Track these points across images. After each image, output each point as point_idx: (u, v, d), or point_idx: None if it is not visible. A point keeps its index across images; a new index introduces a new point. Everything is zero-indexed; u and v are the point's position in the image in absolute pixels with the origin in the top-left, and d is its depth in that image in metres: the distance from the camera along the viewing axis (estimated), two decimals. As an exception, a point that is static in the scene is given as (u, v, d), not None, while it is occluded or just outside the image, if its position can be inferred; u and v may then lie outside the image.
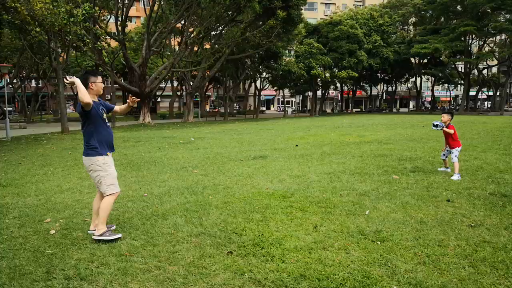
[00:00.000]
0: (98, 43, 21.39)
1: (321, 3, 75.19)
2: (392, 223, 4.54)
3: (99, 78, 4.33)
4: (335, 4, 73.47)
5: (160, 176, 7.79)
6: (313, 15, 68.86)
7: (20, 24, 12.18)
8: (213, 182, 7.01)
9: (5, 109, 31.82)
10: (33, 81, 48.72)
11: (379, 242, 3.99)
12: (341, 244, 3.98)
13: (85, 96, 4.00)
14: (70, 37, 17.23)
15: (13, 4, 10.86)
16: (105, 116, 4.41)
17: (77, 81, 4.07)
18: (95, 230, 4.38)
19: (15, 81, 39.91)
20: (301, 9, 34.82)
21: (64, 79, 4.24)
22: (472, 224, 4.45)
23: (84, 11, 16.74)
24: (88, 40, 18.85)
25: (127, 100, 4.47)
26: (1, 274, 3.48)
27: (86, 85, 4.22)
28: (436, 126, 7.07)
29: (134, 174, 8.02)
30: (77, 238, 4.32)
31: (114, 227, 4.57)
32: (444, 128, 7.02)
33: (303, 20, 40.95)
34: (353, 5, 71.05)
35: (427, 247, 3.85)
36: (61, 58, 23.31)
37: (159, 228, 4.58)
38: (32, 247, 4.08)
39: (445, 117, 7.18)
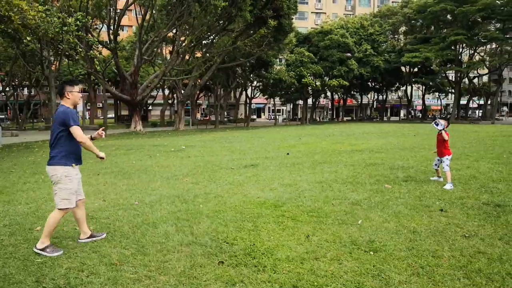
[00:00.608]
0: (91, 51, 21.26)
1: (312, 12, 75.82)
2: (385, 233, 4.52)
3: (76, 88, 4.28)
4: (325, 13, 74.16)
5: (151, 184, 7.71)
6: (304, 24, 69.38)
7: (13, 33, 12.11)
8: (204, 191, 6.96)
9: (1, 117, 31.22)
10: (25, 89, 48.32)
11: (372, 253, 3.96)
12: (333, 254, 3.95)
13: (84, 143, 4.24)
14: (63, 45, 17.14)
15: (7, 13, 10.79)
16: None
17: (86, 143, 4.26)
18: (85, 238, 4.41)
19: (7, 89, 39.52)
20: (292, 18, 35.10)
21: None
22: (466, 235, 4.43)
23: (77, 20, 16.67)
24: (81, 49, 18.74)
25: (95, 135, 4.58)
26: (-11, 284, 3.41)
27: (62, 94, 4.22)
28: (437, 125, 7.01)
29: (125, 182, 7.93)
30: (67, 246, 4.26)
31: (104, 235, 4.53)
32: (444, 131, 6.99)
33: (294, 29, 41.25)
34: (344, 14, 71.77)
35: (421, 257, 3.82)
36: (53, 66, 23.15)
37: (150, 237, 4.51)
38: (22, 256, 4.02)
39: (442, 122, 7.15)
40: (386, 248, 4.07)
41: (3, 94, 39.60)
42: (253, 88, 48.41)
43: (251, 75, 44.05)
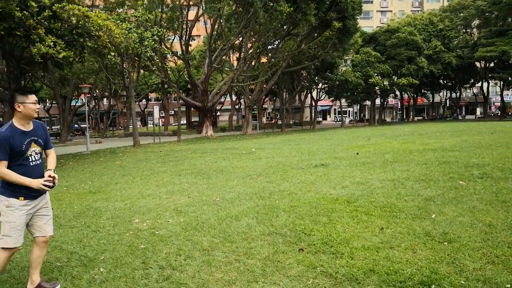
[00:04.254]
0: (166, 63, 22.82)
1: (377, 11, 74.02)
2: (459, 226, 4.61)
3: (31, 98, 3.30)
4: (391, 11, 72.03)
5: (229, 183, 8.30)
6: (368, 24, 67.97)
7: (99, 48, 13.55)
8: (278, 189, 7.38)
9: (83, 126, 34.49)
10: (104, 99, 52.39)
11: (446, 243, 4.11)
12: (407, 244, 4.15)
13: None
14: (142, 58, 18.63)
15: (97, 33, 12.17)
16: (32, 151, 3.35)
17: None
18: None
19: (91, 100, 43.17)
20: (357, 19, 34.69)
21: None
22: (544, 228, 4.42)
23: (153, 35, 18.13)
24: (157, 60, 20.22)
25: (48, 173, 3.39)
26: (106, 263, 4.07)
27: (12, 106, 3.29)
28: None
29: (205, 182, 8.61)
30: (164, 236, 4.86)
31: (58, 286, 3.58)
32: None
33: (359, 30, 40.70)
34: (411, 11, 69.20)
35: (496, 248, 3.91)
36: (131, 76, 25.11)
37: (234, 227, 5.01)
38: (127, 243, 4.66)
39: None
40: (460, 239, 4.18)
41: (87, 104, 43.35)
42: (318, 90, 48.33)
43: (316, 78, 44.05)
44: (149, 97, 62.21)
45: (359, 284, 3.36)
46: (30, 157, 3.33)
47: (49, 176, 3.39)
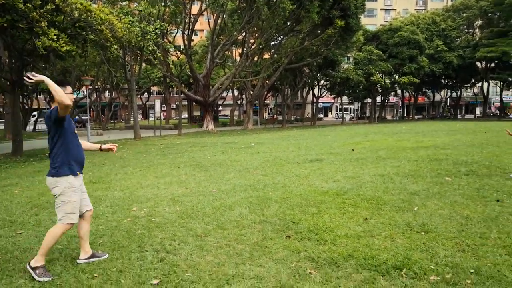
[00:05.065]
0: (168, 57, 23.06)
1: (381, 9, 73.98)
2: (438, 218, 4.92)
3: (68, 88, 3.68)
4: (395, 9, 72.02)
5: (225, 175, 8.60)
6: (372, 22, 67.95)
7: (101, 42, 13.79)
8: (272, 181, 7.68)
9: (84, 118, 34.78)
10: (106, 92, 52.66)
11: (423, 233, 4.42)
12: (387, 233, 4.46)
13: (63, 96, 3.34)
14: (144, 52, 18.89)
15: (99, 27, 12.43)
16: (76, 131, 3.90)
17: (47, 80, 3.35)
18: (85, 257, 3.99)
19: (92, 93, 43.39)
20: (360, 18, 34.82)
21: (26, 78, 3.33)
22: (517, 221, 4.71)
23: (156, 29, 18.37)
24: (159, 54, 20.47)
25: (106, 147, 4.40)
26: (104, 246, 4.37)
27: (53, 97, 3.52)
28: None
29: (203, 174, 8.91)
30: (160, 223, 5.15)
31: (106, 256, 4.08)
32: None
33: (362, 28, 40.85)
34: (415, 10, 69.19)
35: (469, 238, 4.22)
36: (134, 70, 25.34)
37: (227, 216, 5.31)
38: (125, 228, 4.96)
39: None
40: (437, 230, 4.49)
41: (89, 97, 43.62)
42: (320, 87, 48.53)
43: (318, 75, 44.26)
44: (151, 90, 62.51)
45: (338, 267, 3.66)
46: (77, 136, 3.90)
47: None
